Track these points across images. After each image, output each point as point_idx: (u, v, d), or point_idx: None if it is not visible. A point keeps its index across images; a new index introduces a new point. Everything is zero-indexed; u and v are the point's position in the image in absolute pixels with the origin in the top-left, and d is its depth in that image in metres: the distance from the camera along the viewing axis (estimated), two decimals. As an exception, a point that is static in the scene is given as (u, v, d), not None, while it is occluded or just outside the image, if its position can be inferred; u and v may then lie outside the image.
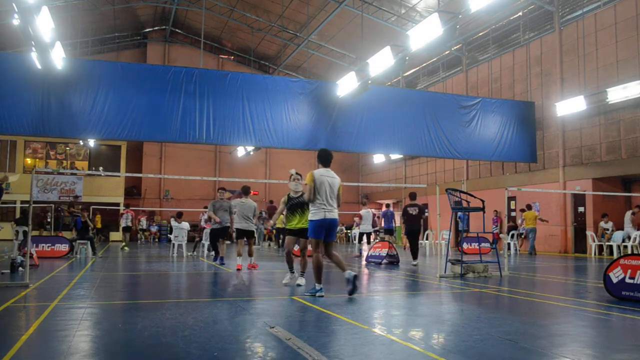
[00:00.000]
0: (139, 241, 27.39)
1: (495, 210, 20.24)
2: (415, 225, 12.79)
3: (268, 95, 16.79)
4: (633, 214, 16.36)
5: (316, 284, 6.92)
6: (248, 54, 32.41)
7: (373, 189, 33.49)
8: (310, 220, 6.92)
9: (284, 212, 8.60)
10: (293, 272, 8.40)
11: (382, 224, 18.28)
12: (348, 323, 5.19)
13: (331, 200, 6.87)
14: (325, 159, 7.15)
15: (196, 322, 5.11)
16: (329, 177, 6.96)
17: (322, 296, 6.78)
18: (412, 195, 13.26)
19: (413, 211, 12.69)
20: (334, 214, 6.91)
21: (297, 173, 8.66)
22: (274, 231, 24.32)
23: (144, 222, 28.12)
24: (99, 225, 24.89)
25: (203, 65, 21.32)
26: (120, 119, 15.36)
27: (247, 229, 11.36)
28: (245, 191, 12.11)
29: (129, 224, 19.84)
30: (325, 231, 6.86)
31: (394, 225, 17.61)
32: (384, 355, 3.99)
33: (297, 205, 8.19)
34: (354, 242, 19.01)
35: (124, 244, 19.38)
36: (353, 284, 6.81)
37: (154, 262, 13.44)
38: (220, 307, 6.14)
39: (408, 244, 13.24)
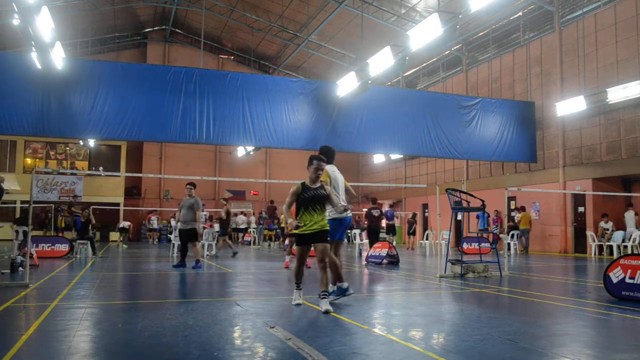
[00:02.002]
0: (150, 241, 27.10)
1: (496, 210, 20.24)
2: (376, 226, 15.16)
3: (268, 95, 16.80)
4: (636, 214, 16.42)
5: (343, 284, 6.37)
6: (248, 54, 32.42)
7: (373, 189, 33.49)
8: (330, 220, 6.33)
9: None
10: (301, 288, 6.35)
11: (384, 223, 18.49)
12: (348, 323, 5.19)
13: (344, 197, 6.53)
14: (329, 154, 6.73)
15: (196, 322, 5.11)
16: (338, 172, 6.69)
17: (352, 293, 6.48)
18: (374, 200, 15.42)
19: (375, 213, 15.02)
20: (350, 212, 6.51)
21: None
22: (274, 231, 24.28)
23: (154, 221, 27.97)
24: (62, 225, 24.89)
25: (203, 65, 21.32)
26: (120, 119, 15.36)
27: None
28: None
29: (125, 226, 22.45)
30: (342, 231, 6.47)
31: (394, 223, 18.24)
32: (384, 355, 3.99)
33: (314, 200, 6.01)
34: (354, 241, 19.02)
35: (121, 242, 21.35)
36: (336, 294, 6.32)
37: (153, 262, 13.45)
38: (220, 307, 6.14)
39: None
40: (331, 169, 6.68)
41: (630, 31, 16.63)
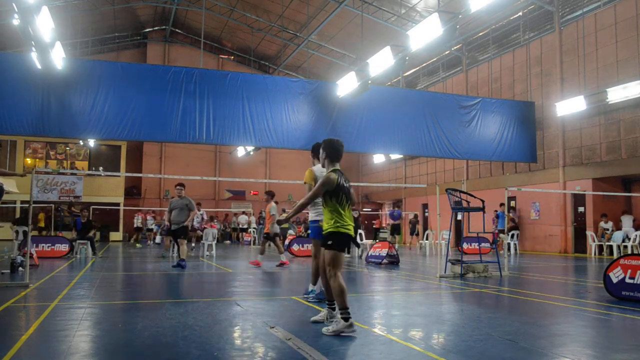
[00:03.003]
0: (148, 241, 26.85)
1: (495, 211, 20.23)
2: (356, 227, 15.61)
3: (268, 95, 16.79)
4: (634, 220, 16.47)
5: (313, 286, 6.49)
6: (248, 54, 32.41)
7: (373, 189, 33.50)
8: (315, 221, 6.23)
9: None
10: (334, 308, 4.99)
11: (388, 223, 18.71)
12: (348, 323, 5.19)
13: None
14: (317, 151, 6.42)
15: (196, 322, 5.11)
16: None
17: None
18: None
19: (355, 214, 15.65)
20: None
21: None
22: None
23: (151, 221, 27.84)
24: (41, 224, 24.86)
25: (203, 65, 21.31)
26: (120, 119, 15.35)
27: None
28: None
29: (139, 224, 23.18)
30: None
31: (400, 223, 18.57)
32: (384, 355, 4.00)
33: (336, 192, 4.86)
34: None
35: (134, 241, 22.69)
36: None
37: (153, 262, 13.45)
38: (220, 307, 6.14)
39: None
40: (321, 169, 6.27)
41: (630, 31, 16.63)
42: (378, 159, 31.42)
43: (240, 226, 27.43)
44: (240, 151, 28.80)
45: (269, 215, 12.50)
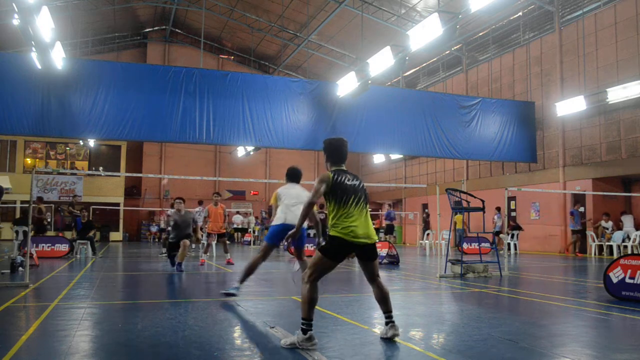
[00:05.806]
0: (155, 242, 26.64)
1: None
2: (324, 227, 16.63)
3: (268, 95, 16.79)
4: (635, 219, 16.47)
5: (240, 283, 6.86)
6: (248, 54, 32.41)
7: (373, 189, 33.48)
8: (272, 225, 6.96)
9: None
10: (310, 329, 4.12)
11: (384, 223, 18.63)
12: (348, 323, 5.19)
13: (293, 208, 6.72)
14: (294, 176, 7.31)
15: (196, 322, 5.12)
16: (295, 189, 7.04)
17: (234, 295, 6.74)
18: (322, 205, 16.06)
19: (322, 215, 15.62)
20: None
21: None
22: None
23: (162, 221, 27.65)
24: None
25: (203, 65, 21.32)
26: (120, 119, 15.36)
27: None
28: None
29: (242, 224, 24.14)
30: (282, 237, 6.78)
31: (394, 224, 18.37)
32: (384, 355, 4.00)
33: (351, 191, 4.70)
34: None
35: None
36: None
37: (154, 262, 13.44)
38: (220, 307, 6.14)
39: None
40: (286, 188, 7.09)
41: (630, 31, 16.63)
42: (378, 159, 31.41)
43: (235, 226, 27.43)
44: (240, 151, 28.79)
45: (223, 216, 13.34)
